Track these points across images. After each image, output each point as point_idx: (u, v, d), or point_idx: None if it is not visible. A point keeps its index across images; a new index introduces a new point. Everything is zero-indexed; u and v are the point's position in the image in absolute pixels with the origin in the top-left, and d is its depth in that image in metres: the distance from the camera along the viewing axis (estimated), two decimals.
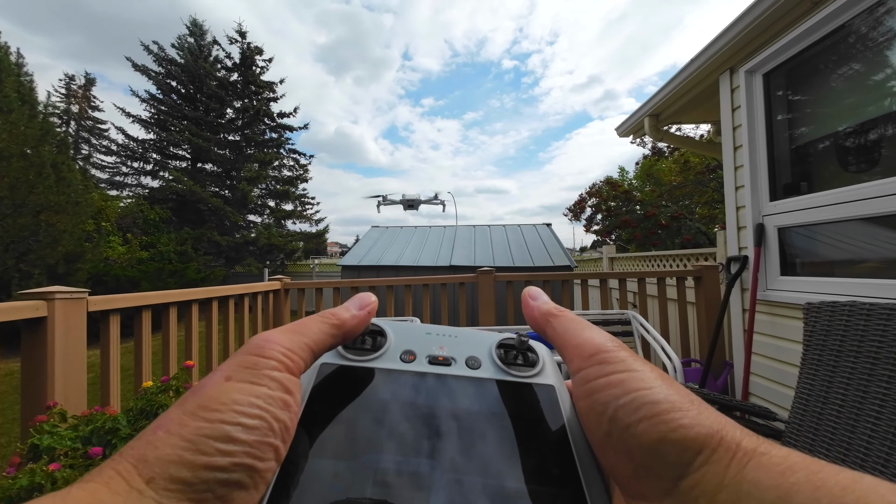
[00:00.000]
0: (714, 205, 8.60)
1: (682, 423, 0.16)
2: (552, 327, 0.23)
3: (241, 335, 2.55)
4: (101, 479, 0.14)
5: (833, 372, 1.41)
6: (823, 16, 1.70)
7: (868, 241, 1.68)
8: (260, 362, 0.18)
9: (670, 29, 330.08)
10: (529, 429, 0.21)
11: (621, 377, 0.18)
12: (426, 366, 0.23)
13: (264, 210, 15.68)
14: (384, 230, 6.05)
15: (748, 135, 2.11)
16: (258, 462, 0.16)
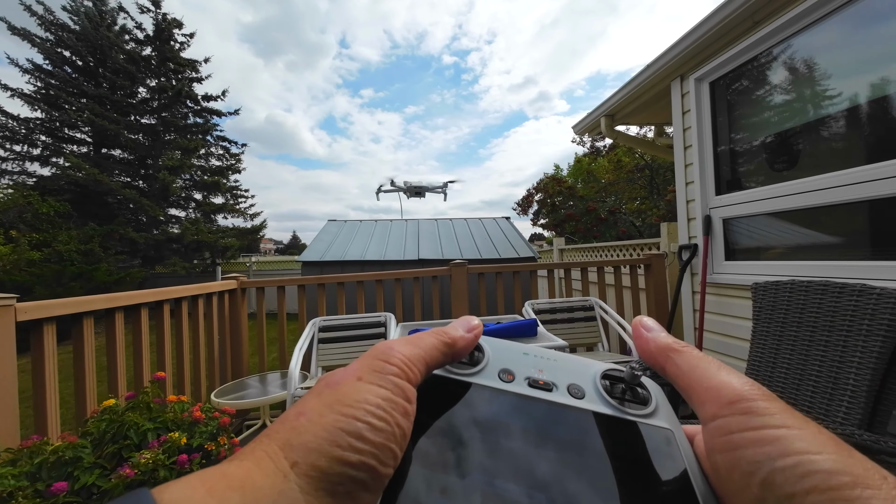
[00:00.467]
0: (642, 200, 9.55)
1: (871, 502, 0.14)
2: (674, 364, 0.21)
3: (195, 341, 2.28)
4: (254, 458, 0.15)
5: (779, 340, 1.65)
6: (761, 35, 1.96)
7: (792, 231, 1.99)
8: (386, 367, 0.19)
9: (596, 37, 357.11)
10: (644, 475, 0.19)
11: (777, 433, 0.16)
12: (526, 388, 0.22)
13: (189, 203, 14.10)
14: (343, 224, 5.78)
15: (697, 136, 2.37)
16: (380, 466, 0.16)
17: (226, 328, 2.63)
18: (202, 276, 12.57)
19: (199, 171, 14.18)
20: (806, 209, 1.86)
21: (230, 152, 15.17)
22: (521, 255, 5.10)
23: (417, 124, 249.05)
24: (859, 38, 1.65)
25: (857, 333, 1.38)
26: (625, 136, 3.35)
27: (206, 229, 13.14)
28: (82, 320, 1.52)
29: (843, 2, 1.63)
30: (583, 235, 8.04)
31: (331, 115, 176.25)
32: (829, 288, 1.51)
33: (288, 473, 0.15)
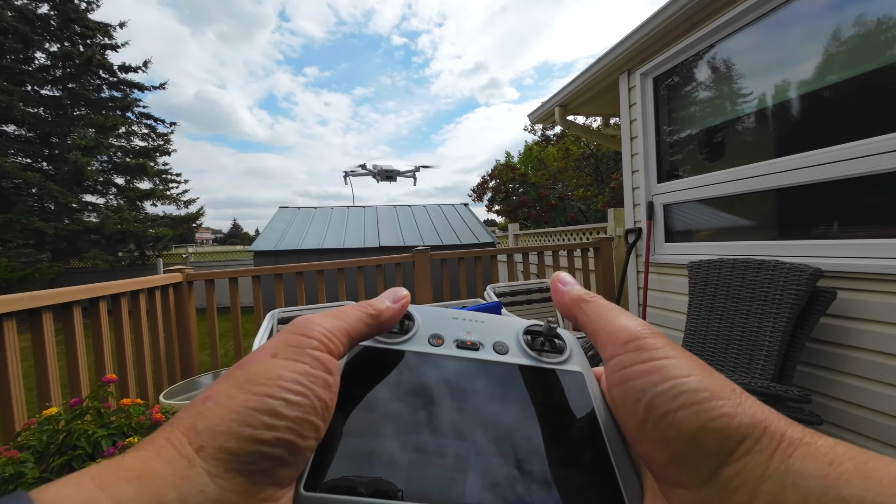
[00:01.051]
0: (587, 187, 10.13)
1: (723, 411, 0.16)
2: (584, 313, 0.23)
3: (139, 340, 2.09)
4: (153, 447, 0.15)
5: (710, 311, 1.88)
6: (698, 37, 2.15)
7: (719, 215, 2.26)
8: (304, 341, 0.19)
9: (543, 27, 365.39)
10: (559, 415, 0.21)
11: (659, 364, 0.18)
12: (454, 349, 0.24)
13: (109, 189, 12.53)
14: (296, 211, 5.45)
15: (642, 128, 2.56)
16: (299, 439, 0.16)
17: (172, 325, 2.43)
18: (130, 270, 11.33)
19: (120, 152, 12.60)
20: (728, 196, 2.11)
21: (156, 132, 13.62)
22: (481, 241, 5.21)
23: (367, 107, 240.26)
24: (774, 45, 1.88)
25: (772, 302, 1.61)
26: (576, 126, 3.52)
27: (131, 217, 11.80)
28: (2, 323, 1.33)
29: (768, 9, 1.84)
30: (535, 221, 8.40)
31: (272, 93, 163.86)
32: (749, 264, 1.75)
33: (193, 458, 0.14)
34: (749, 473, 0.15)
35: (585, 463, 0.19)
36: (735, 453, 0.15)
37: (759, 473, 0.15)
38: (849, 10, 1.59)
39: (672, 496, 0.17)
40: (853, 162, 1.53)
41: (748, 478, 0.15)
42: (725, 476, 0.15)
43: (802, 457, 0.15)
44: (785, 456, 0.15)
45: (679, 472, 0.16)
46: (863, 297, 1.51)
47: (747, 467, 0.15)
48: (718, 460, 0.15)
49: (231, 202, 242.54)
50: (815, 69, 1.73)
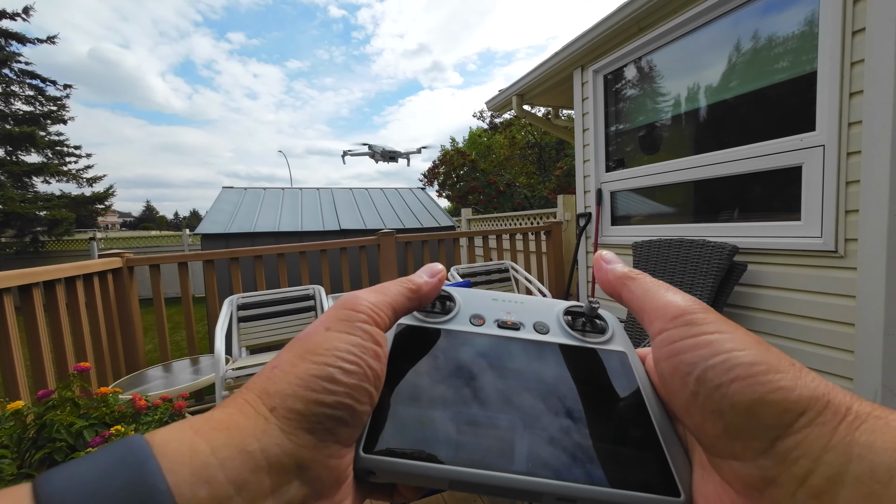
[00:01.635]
0: (531, 175, 10.65)
1: (781, 384, 0.16)
2: (629, 290, 0.23)
3: (78, 332, 1.88)
4: (236, 405, 0.17)
5: None
6: (643, 41, 2.40)
7: (655, 202, 2.59)
8: (353, 315, 0.20)
9: (485, 13, 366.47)
10: (603, 393, 0.22)
11: (710, 338, 0.18)
12: (496, 329, 0.25)
13: None
14: (242, 192, 4.97)
15: (593, 121, 2.81)
16: (357, 404, 0.18)
17: (113, 315, 2.20)
18: (20, 259, 9.62)
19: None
20: (664, 185, 2.43)
21: (45, 94, 11.49)
22: (442, 225, 5.29)
23: (302, 82, 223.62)
24: (702, 55, 2.18)
25: (698, 273, 1.93)
26: (531, 115, 3.72)
27: (17, 196, 9.95)
28: None
29: (702, 22, 2.12)
30: (484, 206, 8.69)
31: (189, 59, 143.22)
32: (682, 243, 2.06)
33: (268, 416, 0.16)
34: (810, 445, 0.15)
35: (632, 439, 0.19)
36: (794, 425, 0.15)
37: (821, 445, 0.14)
38: (759, 31, 1.90)
39: (725, 468, 0.17)
40: (759, 159, 1.87)
41: (808, 449, 0.15)
42: (783, 447, 0.15)
43: (870, 430, 0.14)
44: (851, 429, 0.14)
45: (733, 444, 0.16)
46: (765, 269, 1.88)
47: (808, 439, 0.15)
48: (776, 432, 0.15)
49: (141, 181, 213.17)
50: (730, 79, 2.06)
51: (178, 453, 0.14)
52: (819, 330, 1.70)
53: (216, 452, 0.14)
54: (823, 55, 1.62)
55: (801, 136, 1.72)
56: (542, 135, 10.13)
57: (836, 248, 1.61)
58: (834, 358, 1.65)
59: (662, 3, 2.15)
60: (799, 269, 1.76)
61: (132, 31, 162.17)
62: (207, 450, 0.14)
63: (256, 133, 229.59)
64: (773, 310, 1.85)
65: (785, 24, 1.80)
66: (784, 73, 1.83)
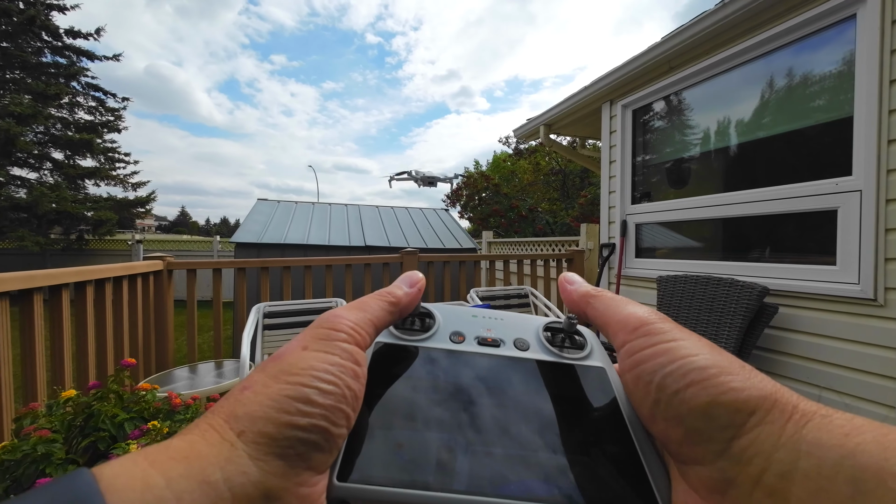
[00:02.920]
0: (553, 201, 10.66)
1: (732, 385, 0.16)
2: (593, 307, 0.23)
3: (118, 329, 2.00)
4: (198, 431, 0.16)
5: (675, 320, 2.14)
6: (674, 80, 2.45)
7: (683, 236, 2.56)
8: (332, 334, 0.19)
9: (515, 43, 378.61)
10: (583, 408, 0.22)
11: (667, 346, 0.19)
12: (475, 346, 0.24)
13: (44, 163, 11.30)
14: (276, 205, 5.24)
15: (620, 153, 2.84)
16: (332, 426, 0.17)
17: (150, 314, 2.33)
18: (65, 255, 10.26)
19: (60, 124, 11.42)
20: (692, 220, 2.41)
21: (105, 105, 12.50)
22: (463, 246, 5.35)
23: (336, 102, 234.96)
24: (734, 94, 2.20)
25: (726, 313, 1.89)
26: (558, 145, 3.78)
27: (69, 197, 10.71)
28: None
29: (733, 65, 2.15)
30: (505, 230, 8.72)
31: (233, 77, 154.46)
32: (710, 281, 2.03)
33: (235, 442, 0.15)
34: (762, 444, 0.15)
35: (612, 455, 0.19)
36: (746, 425, 0.16)
37: (772, 443, 0.15)
38: (792, 72, 1.92)
39: (690, 475, 0.17)
40: (792, 200, 1.85)
41: (761, 448, 0.15)
42: (738, 447, 0.15)
43: (817, 428, 0.15)
44: (798, 426, 0.15)
45: (693, 448, 0.17)
46: (798, 313, 1.82)
47: (759, 437, 0.15)
48: (730, 432, 0.16)
49: (179, 188, 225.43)
50: (761, 119, 2.06)
51: (129, 489, 0.13)
52: (856, 381, 1.62)
53: (172, 485, 0.13)
54: (860, 102, 1.61)
55: (837, 179, 1.69)
56: (566, 162, 10.19)
57: (876, 296, 1.55)
58: (873, 413, 1.56)
59: (695, 44, 2.20)
60: (835, 315, 1.69)
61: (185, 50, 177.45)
62: (162, 483, 0.13)
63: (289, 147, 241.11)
64: (807, 356, 1.78)
65: (819, 68, 1.81)
66: (818, 115, 1.82)
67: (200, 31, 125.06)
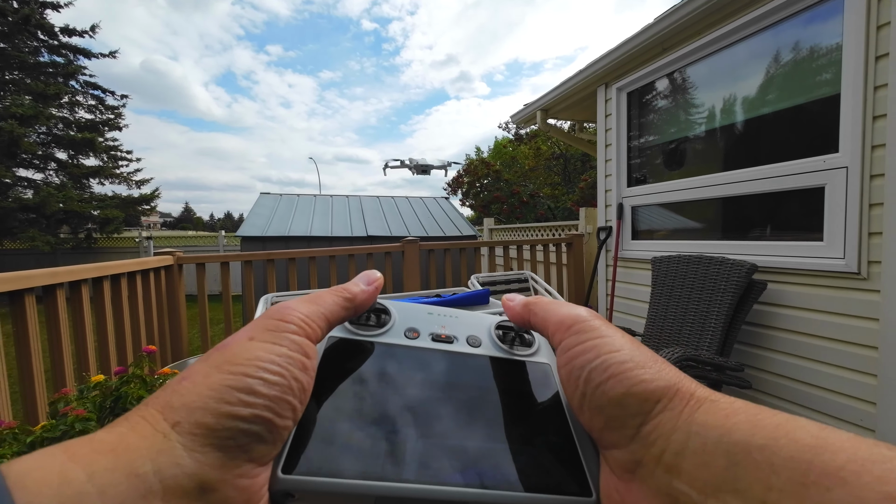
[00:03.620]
0: (555, 186, 10.63)
1: (643, 377, 0.18)
2: (533, 313, 0.25)
3: (135, 322, 2.10)
4: (128, 423, 0.15)
5: (669, 298, 2.20)
6: (667, 61, 2.45)
7: (677, 217, 2.60)
8: (281, 325, 0.19)
9: (514, 25, 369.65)
10: (527, 401, 0.23)
11: (594, 343, 0.20)
12: (429, 342, 0.25)
13: (48, 164, 11.43)
14: (279, 198, 5.34)
15: (616, 136, 2.86)
16: (277, 418, 0.17)
17: (164, 307, 2.43)
18: (75, 253, 10.46)
19: (62, 124, 11.50)
20: (685, 202, 2.45)
21: (105, 104, 12.54)
22: (464, 234, 5.42)
23: (334, 92, 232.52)
24: (727, 74, 2.21)
25: (717, 291, 1.95)
26: (554, 129, 3.80)
27: (76, 196, 10.85)
28: (24, 297, 1.36)
29: (726, 43, 2.16)
30: (507, 216, 8.75)
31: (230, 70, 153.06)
32: (701, 259, 2.08)
33: (168, 433, 0.15)
34: (663, 427, 0.17)
35: (551, 444, 0.21)
36: (652, 412, 0.18)
37: (671, 427, 0.17)
38: (780, 53, 1.93)
39: (610, 458, 0.19)
40: (780, 179, 1.88)
41: (662, 431, 0.17)
42: (645, 432, 0.17)
43: (705, 411, 0.17)
44: (692, 411, 0.17)
45: (611, 434, 0.19)
46: (786, 288, 1.88)
47: (661, 422, 0.17)
48: (640, 419, 0.18)
49: (182, 184, 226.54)
50: (751, 99, 2.07)
51: (42, 484, 0.12)
52: (840, 352, 1.68)
53: (94, 479, 0.12)
54: (847, 79, 1.63)
55: (824, 157, 1.73)
56: (567, 146, 10.13)
57: (860, 269, 1.60)
58: (855, 381, 1.63)
59: (686, 25, 2.20)
60: (820, 289, 1.75)
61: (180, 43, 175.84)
62: (83, 477, 0.12)
63: (289, 140, 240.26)
64: (793, 329, 1.84)
65: (807, 48, 1.82)
66: (806, 94, 1.84)
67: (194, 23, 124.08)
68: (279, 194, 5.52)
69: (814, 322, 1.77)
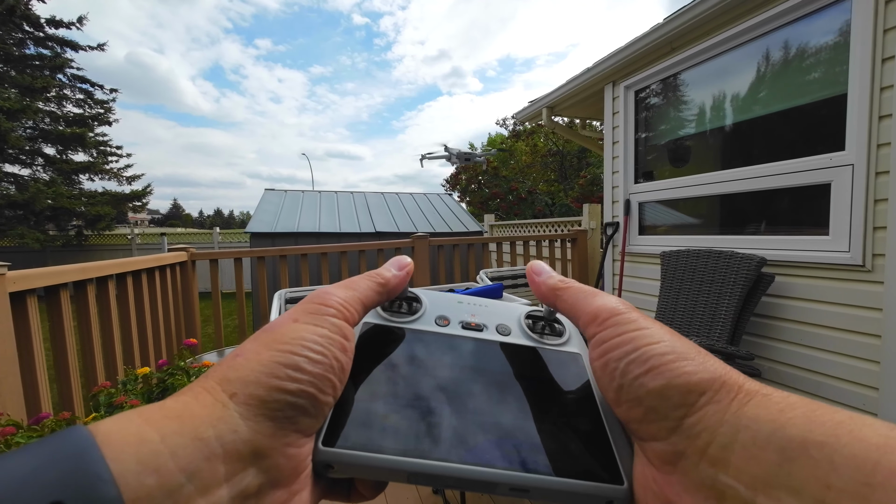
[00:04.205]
0: (551, 182, 10.72)
1: (686, 369, 0.18)
2: (562, 300, 0.24)
3: (154, 317, 2.11)
4: (192, 393, 0.16)
5: (678, 292, 2.27)
6: (675, 60, 2.51)
7: (684, 213, 2.68)
8: (322, 309, 0.20)
9: (507, 20, 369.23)
10: (558, 390, 0.23)
11: (632, 335, 0.20)
12: (460, 330, 0.26)
13: (36, 159, 11.16)
14: (283, 194, 5.32)
15: (623, 134, 2.92)
16: (320, 394, 0.18)
17: (179, 304, 2.43)
18: (65, 251, 10.25)
19: (49, 118, 11.22)
20: (693, 198, 2.52)
21: (94, 98, 12.27)
22: (470, 230, 5.46)
23: (325, 87, 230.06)
24: (734, 74, 2.28)
25: (726, 283, 2.02)
26: (560, 127, 3.85)
27: (66, 193, 10.63)
28: (59, 292, 1.37)
29: (734, 45, 2.23)
30: (505, 212, 8.82)
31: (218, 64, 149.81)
32: (711, 254, 2.15)
33: (227, 403, 0.16)
34: (709, 420, 0.16)
35: (582, 432, 0.21)
36: (697, 404, 0.17)
37: (718, 420, 0.16)
38: (789, 53, 2.00)
39: (648, 450, 0.19)
40: (788, 175, 1.96)
41: (708, 424, 0.16)
42: (689, 424, 0.17)
43: (756, 405, 0.16)
44: (741, 404, 0.16)
45: (651, 426, 0.18)
46: (793, 281, 1.96)
47: (707, 415, 0.17)
48: (683, 411, 0.17)
49: (170, 180, 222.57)
50: (759, 98, 2.15)
51: (124, 442, 0.13)
52: (845, 341, 1.77)
53: (166, 440, 0.14)
54: (853, 79, 1.71)
55: (831, 155, 1.80)
56: (564, 143, 10.21)
57: (864, 262, 1.69)
58: (860, 368, 1.72)
59: (695, 26, 2.26)
60: (826, 281, 1.83)
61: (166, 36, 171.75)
62: (157, 438, 0.14)
63: (279, 135, 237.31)
64: (800, 320, 1.93)
65: (815, 48, 1.89)
66: (813, 94, 1.92)
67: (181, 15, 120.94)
68: (284, 190, 5.51)
69: (820, 313, 1.85)
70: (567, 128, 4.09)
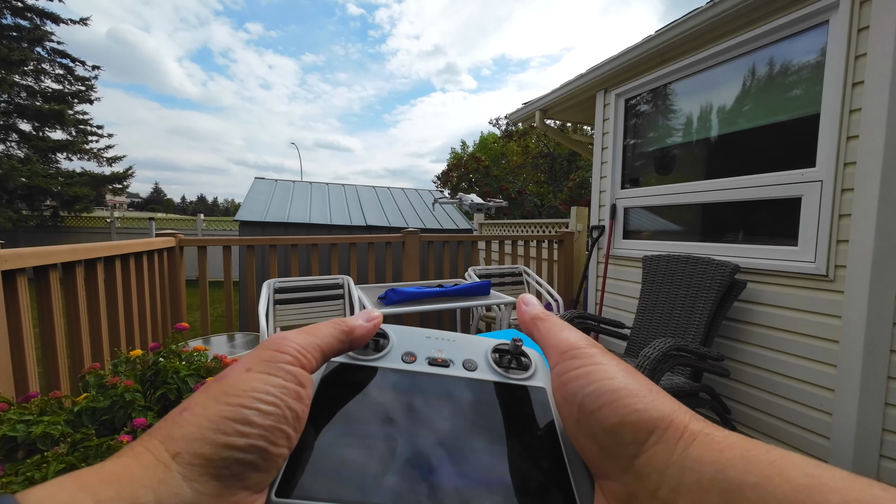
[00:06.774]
0: (541, 184, 10.85)
1: (637, 407, 0.18)
2: (538, 329, 0.25)
3: (141, 303, 2.09)
4: (132, 454, 0.16)
5: (657, 295, 2.38)
6: (665, 72, 2.61)
7: (666, 219, 2.79)
8: (277, 356, 0.20)
9: (503, 20, 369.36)
10: (522, 426, 0.23)
11: (589, 369, 0.20)
12: (426, 366, 0.26)
13: (10, 135, 10.70)
14: (274, 183, 5.24)
15: (612, 140, 3.01)
16: (271, 446, 0.17)
17: (165, 290, 2.42)
18: (40, 232, 9.89)
19: (26, 93, 10.76)
20: (675, 205, 2.63)
21: (74, 74, 11.81)
22: (459, 227, 5.51)
23: (316, 76, 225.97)
24: (718, 88, 2.39)
25: (702, 288, 2.13)
26: (552, 130, 3.93)
27: (41, 171, 10.24)
28: (48, 272, 1.36)
29: (720, 60, 2.33)
30: (494, 212, 8.92)
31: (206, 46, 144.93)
32: (689, 259, 2.26)
33: (169, 463, 0.15)
34: (657, 461, 0.17)
35: (544, 470, 0.21)
36: (646, 443, 0.17)
37: (665, 460, 0.17)
38: (771, 73, 2.11)
39: (605, 488, 0.19)
40: (764, 188, 2.07)
41: (656, 464, 0.17)
42: (639, 464, 0.17)
43: (699, 445, 0.17)
44: (686, 444, 0.17)
45: (605, 463, 0.19)
46: (763, 287, 2.08)
47: (656, 455, 0.17)
48: (633, 450, 0.18)
49: (151, 163, 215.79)
50: (741, 113, 2.26)
51: None
52: (807, 345, 1.89)
53: None
54: (826, 100, 1.82)
55: (803, 171, 1.92)
56: (554, 145, 10.35)
57: (828, 272, 1.81)
58: (819, 371, 1.85)
59: (684, 40, 2.36)
60: (793, 289, 1.95)
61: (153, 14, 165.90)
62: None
63: (268, 123, 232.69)
64: (768, 325, 2.05)
65: (796, 68, 2.00)
66: (791, 111, 2.03)
67: None
68: (274, 180, 5.44)
69: (785, 318, 1.97)
70: (559, 131, 4.18)
